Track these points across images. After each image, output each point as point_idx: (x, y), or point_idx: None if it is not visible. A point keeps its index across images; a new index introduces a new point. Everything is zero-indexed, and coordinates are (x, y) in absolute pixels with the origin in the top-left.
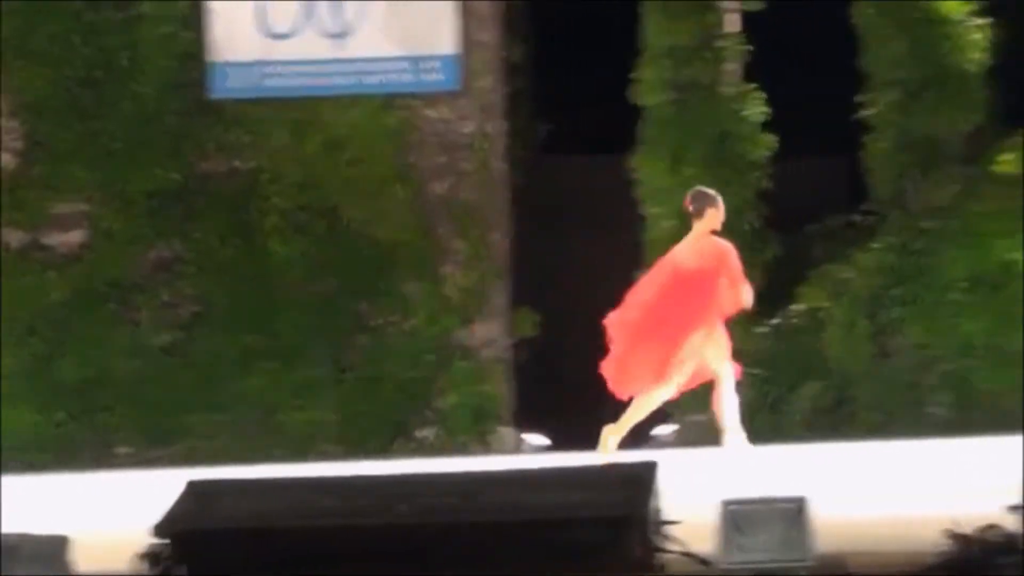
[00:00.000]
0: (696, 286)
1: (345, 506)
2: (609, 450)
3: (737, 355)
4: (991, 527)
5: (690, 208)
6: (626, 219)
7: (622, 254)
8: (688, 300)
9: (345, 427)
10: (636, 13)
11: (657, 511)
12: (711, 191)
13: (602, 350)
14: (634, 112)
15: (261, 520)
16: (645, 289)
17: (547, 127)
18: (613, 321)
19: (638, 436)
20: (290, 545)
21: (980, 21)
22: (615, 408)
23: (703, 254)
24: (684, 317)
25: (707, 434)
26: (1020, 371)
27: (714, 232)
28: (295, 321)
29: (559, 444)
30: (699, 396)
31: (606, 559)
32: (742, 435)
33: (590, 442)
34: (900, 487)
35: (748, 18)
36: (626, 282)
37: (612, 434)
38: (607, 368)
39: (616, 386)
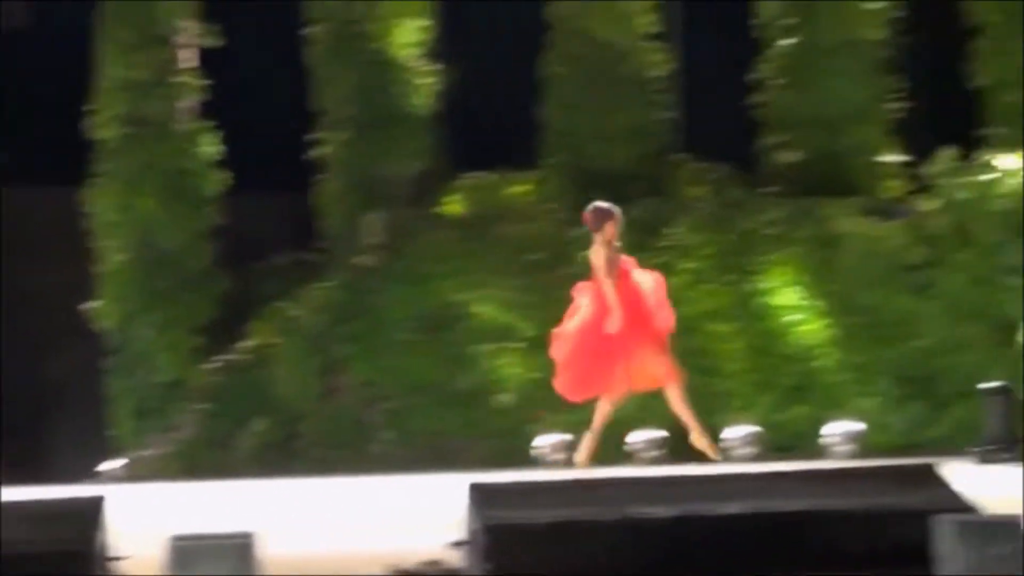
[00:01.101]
0: (639, 303)
1: None
2: (583, 460)
3: (185, 391)
4: (433, 563)
5: (589, 223)
6: (75, 252)
7: (75, 287)
8: (633, 315)
9: None
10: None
11: (103, 546)
12: (607, 205)
13: (49, 383)
14: (89, 145)
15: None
16: (587, 303)
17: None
18: (558, 334)
19: (88, 471)
20: None
21: (428, 66)
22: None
23: (642, 274)
24: (628, 331)
25: (156, 469)
26: (462, 410)
27: (610, 244)
28: None
29: (3, 478)
30: (142, 430)
31: None
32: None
33: (36, 475)
34: (347, 523)
35: (206, 55)
36: (73, 316)
37: (585, 447)
38: (557, 379)
39: (569, 393)
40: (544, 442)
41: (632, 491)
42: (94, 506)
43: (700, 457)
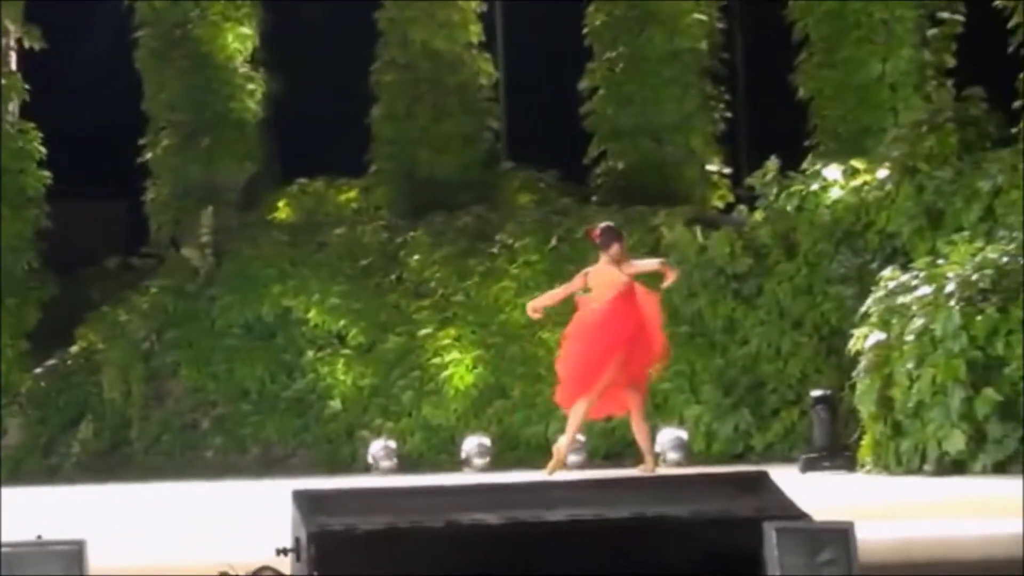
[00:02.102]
0: (637, 323)
1: None
2: (558, 458)
3: (11, 395)
4: (263, 569)
5: (597, 241)
6: None
7: None
8: (630, 334)
9: None
10: None
11: None
12: (615, 226)
13: None
14: None
15: None
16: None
17: None
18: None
19: None
20: None
21: (258, 71)
22: None
23: (642, 294)
24: (608, 345)
25: None
26: (290, 418)
27: (618, 263)
28: None
29: None
30: None
31: None
32: (656, 458)
33: None
34: (176, 529)
35: (35, 57)
36: None
37: (561, 445)
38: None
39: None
40: (374, 449)
41: (459, 498)
42: None
43: (526, 463)
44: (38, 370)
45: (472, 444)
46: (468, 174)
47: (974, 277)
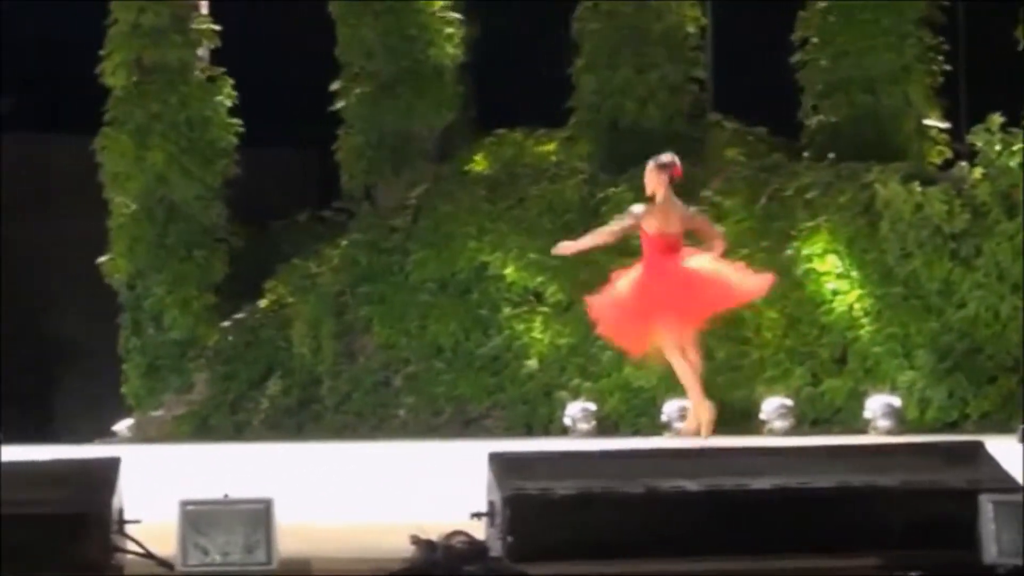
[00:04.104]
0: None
1: None
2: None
3: (198, 350)
4: (456, 533)
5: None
6: (89, 203)
7: (83, 240)
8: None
9: None
10: None
11: (119, 510)
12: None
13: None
14: (100, 92)
15: None
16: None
17: (7, 103)
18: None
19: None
20: None
21: (454, 16)
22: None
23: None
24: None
25: (168, 430)
26: (485, 376)
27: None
28: None
29: (12, 437)
30: (154, 391)
31: (61, 560)
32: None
33: (46, 435)
34: (366, 490)
35: (224, 3)
36: (88, 269)
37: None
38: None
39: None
40: (572, 411)
41: (659, 463)
42: (109, 468)
43: (733, 429)
44: (226, 324)
45: (673, 407)
46: (673, 126)
47: None
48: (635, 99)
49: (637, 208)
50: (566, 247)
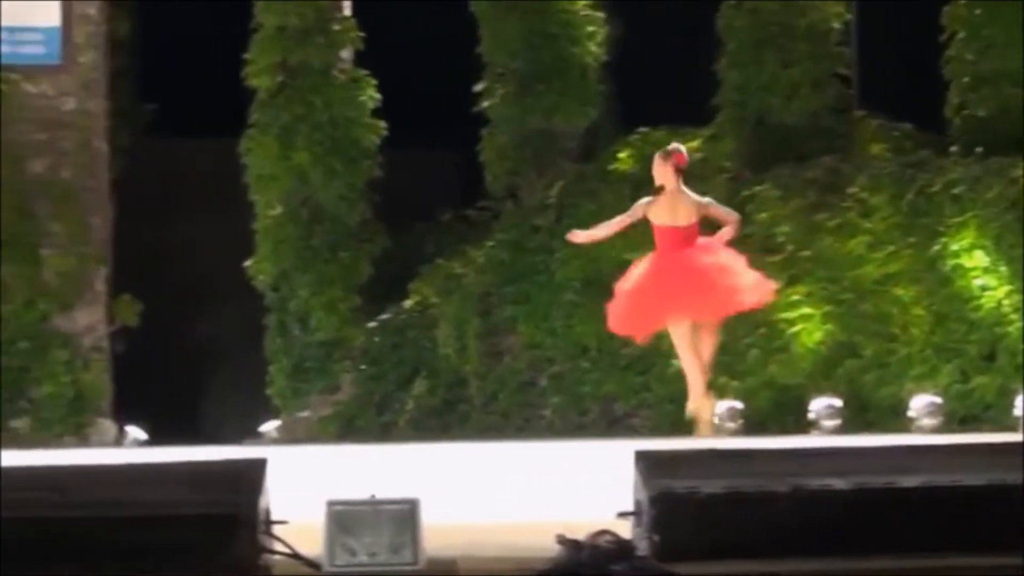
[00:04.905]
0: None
1: None
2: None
3: (344, 351)
4: (603, 533)
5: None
6: (234, 205)
7: (230, 242)
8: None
9: None
10: None
11: (266, 510)
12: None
13: (206, 340)
14: (245, 94)
15: None
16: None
17: (153, 107)
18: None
19: (247, 432)
20: None
21: (597, 14)
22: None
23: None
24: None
25: (314, 430)
26: (631, 376)
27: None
28: None
29: (160, 437)
30: (300, 392)
31: (209, 560)
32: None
33: (193, 435)
34: (511, 490)
35: (365, 2)
36: (233, 271)
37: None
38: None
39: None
40: (719, 410)
41: (806, 461)
42: (256, 468)
43: (878, 427)
44: (372, 325)
45: (821, 405)
46: (818, 122)
47: None
48: (780, 95)
49: (643, 200)
50: (578, 236)
